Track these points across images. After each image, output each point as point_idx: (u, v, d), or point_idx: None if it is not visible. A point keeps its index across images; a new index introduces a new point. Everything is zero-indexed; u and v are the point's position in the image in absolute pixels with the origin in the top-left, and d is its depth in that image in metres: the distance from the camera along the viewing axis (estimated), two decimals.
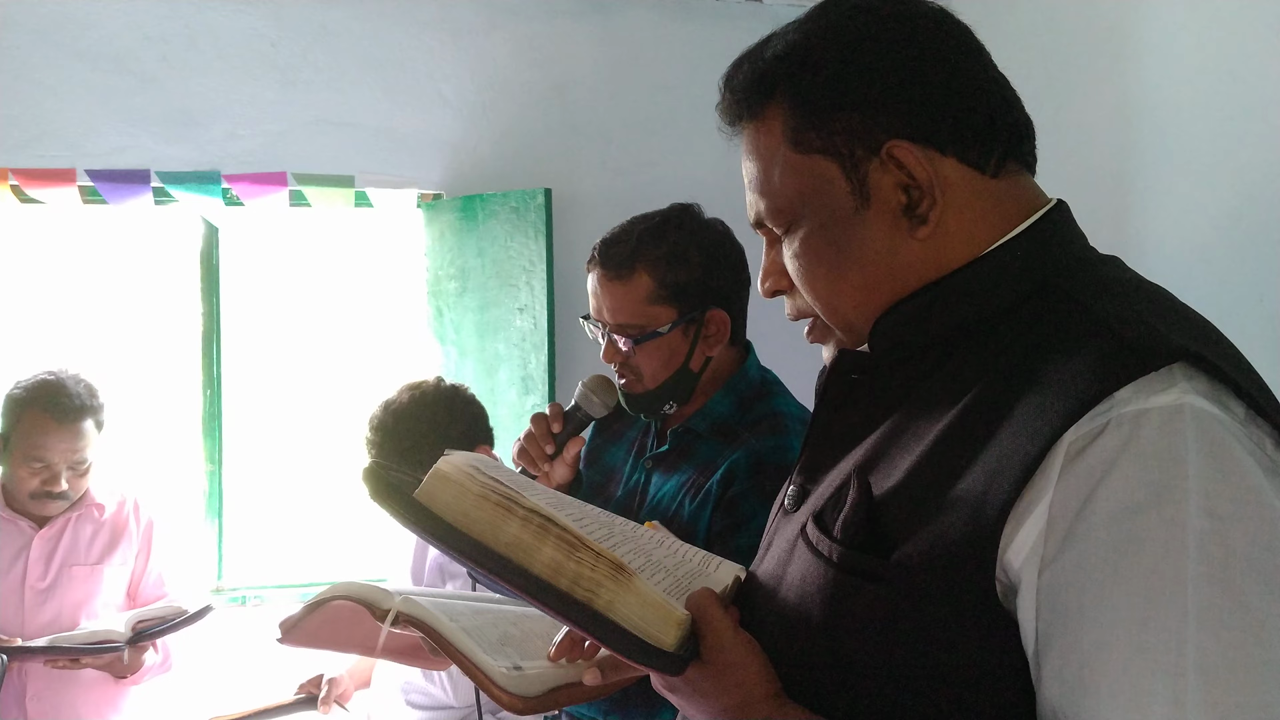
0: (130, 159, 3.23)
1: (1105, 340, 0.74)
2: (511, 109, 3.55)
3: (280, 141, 3.38)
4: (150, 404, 4.14)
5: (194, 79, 3.32)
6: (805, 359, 1.55)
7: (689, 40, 3.63)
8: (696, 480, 1.60)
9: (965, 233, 0.85)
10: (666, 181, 3.08)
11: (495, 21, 3.53)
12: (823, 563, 0.83)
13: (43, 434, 2.42)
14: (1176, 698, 0.64)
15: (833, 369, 0.93)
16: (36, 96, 3.21)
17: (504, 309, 3.41)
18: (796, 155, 0.87)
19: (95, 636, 2.33)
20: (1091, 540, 0.69)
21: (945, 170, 0.84)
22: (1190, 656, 0.65)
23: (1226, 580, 0.66)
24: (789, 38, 0.89)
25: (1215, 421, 0.70)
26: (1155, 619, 0.66)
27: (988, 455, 0.75)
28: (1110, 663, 0.67)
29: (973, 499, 0.74)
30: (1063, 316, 0.79)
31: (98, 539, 2.56)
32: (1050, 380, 0.74)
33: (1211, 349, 0.74)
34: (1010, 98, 0.88)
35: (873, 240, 0.86)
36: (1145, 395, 0.70)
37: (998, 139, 0.85)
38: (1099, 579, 0.68)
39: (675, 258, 1.62)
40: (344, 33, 3.43)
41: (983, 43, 0.90)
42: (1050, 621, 0.70)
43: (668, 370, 1.63)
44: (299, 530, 4.51)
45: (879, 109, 0.84)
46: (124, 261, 3.91)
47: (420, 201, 3.60)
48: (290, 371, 4.48)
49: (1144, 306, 0.79)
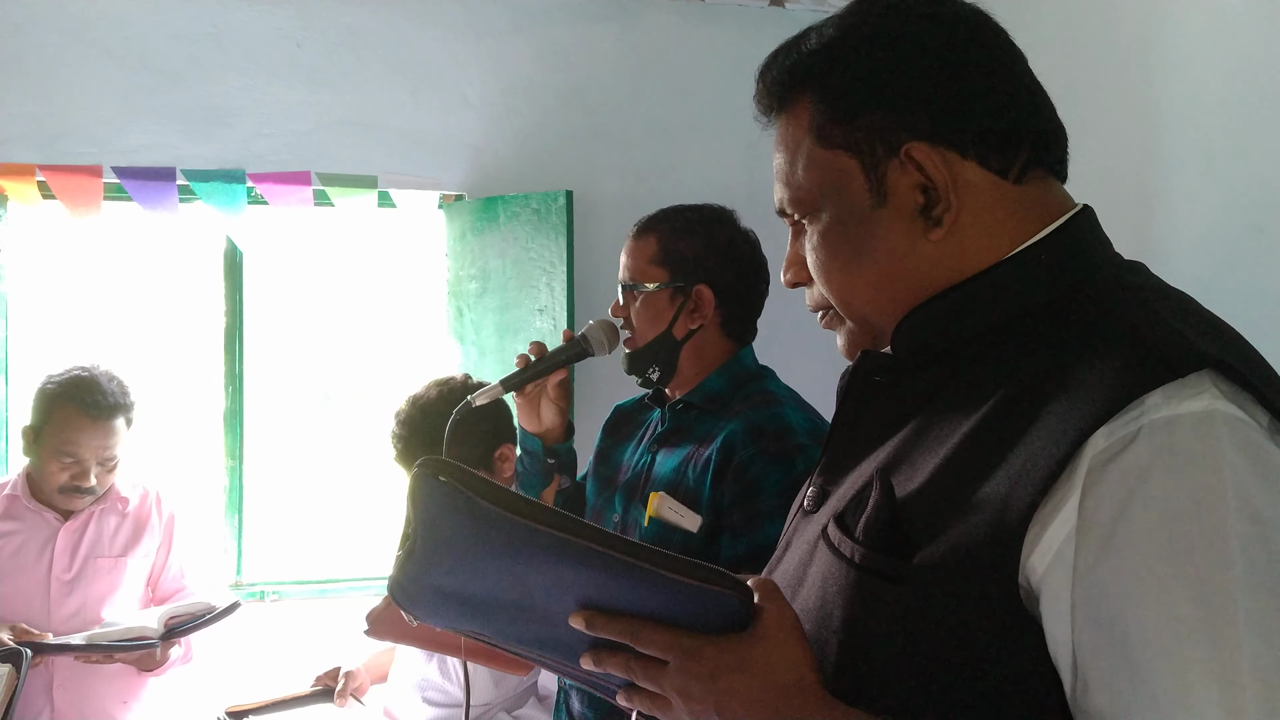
0: (156, 157, 3.27)
1: (1132, 346, 0.74)
2: (534, 111, 3.56)
3: (305, 141, 3.40)
4: (174, 400, 4.17)
5: (220, 78, 3.35)
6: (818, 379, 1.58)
7: (711, 44, 3.64)
8: (696, 451, 1.68)
9: (982, 237, 0.85)
10: (687, 184, 3.09)
11: (519, 24, 3.55)
12: (844, 564, 0.83)
13: (76, 430, 2.45)
14: (1232, 706, 0.64)
15: (855, 370, 0.93)
16: (64, 94, 3.24)
17: (524, 310, 3.42)
18: (819, 149, 0.88)
19: (130, 634, 2.37)
20: (1133, 549, 0.68)
21: (966, 174, 0.84)
22: (1245, 664, 0.64)
23: (1274, 586, 0.65)
24: (825, 32, 0.89)
25: (1247, 427, 0.70)
26: (1206, 627, 0.65)
27: (1013, 459, 0.74)
28: (1163, 672, 0.66)
29: (996, 502, 0.74)
30: (1088, 322, 0.79)
31: (121, 532, 2.58)
32: (1076, 385, 0.74)
33: (1237, 356, 0.74)
34: (1040, 104, 0.87)
35: (887, 238, 0.87)
36: (1176, 402, 0.70)
37: (1022, 145, 0.85)
38: (1144, 589, 0.67)
39: (682, 231, 1.78)
40: (369, 34, 3.45)
41: None
42: (1093, 633, 0.69)
43: (653, 330, 1.76)
44: (318, 527, 4.54)
45: (902, 109, 0.84)
46: (150, 259, 3.95)
47: (442, 202, 3.62)
48: (311, 369, 4.51)
49: (1170, 312, 0.78)
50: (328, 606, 3.47)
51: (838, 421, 0.95)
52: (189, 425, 3.94)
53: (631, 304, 1.78)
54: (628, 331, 1.79)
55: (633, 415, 1.96)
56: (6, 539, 2.49)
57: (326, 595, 3.52)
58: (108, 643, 2.33)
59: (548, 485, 1.92)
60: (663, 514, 1.60)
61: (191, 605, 2.50)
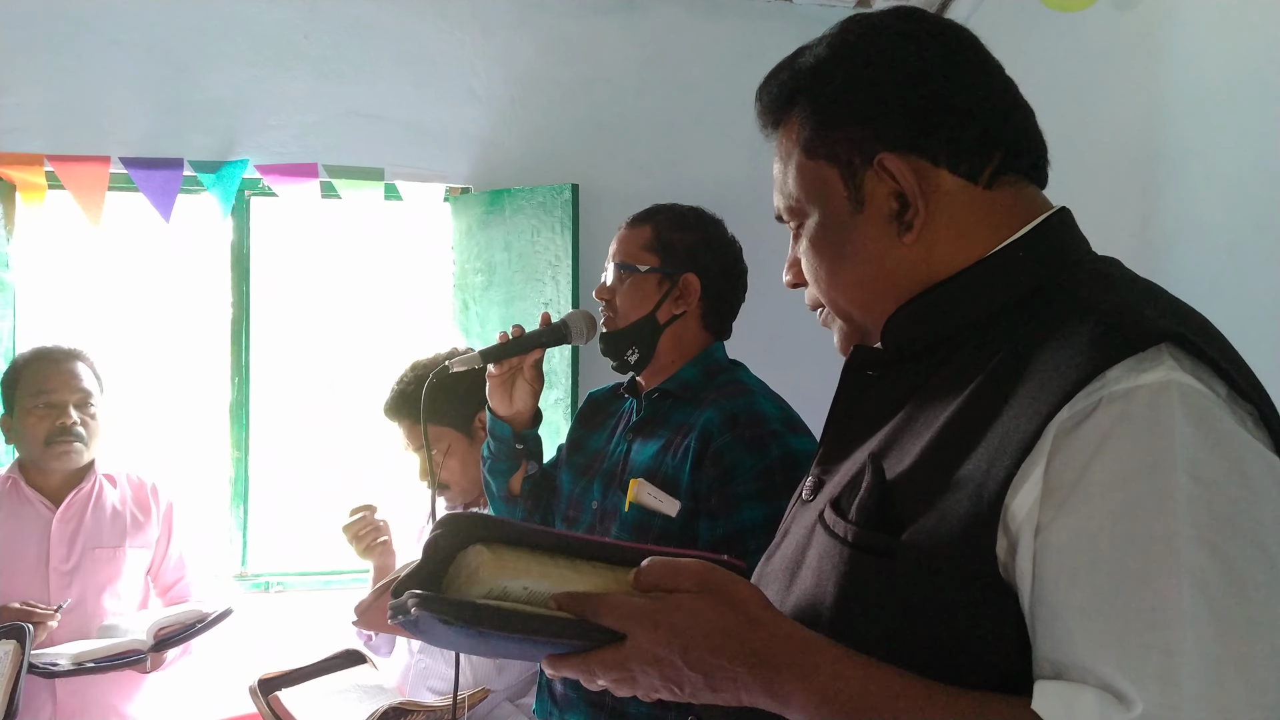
0: (163, 147, 3.27)
1: (1095, 325, 0.80)
2: (540, 105, 3.56)
3: (311, 133, 3.41)
4: (180, 390, 4.19)
5: (228, 70, 3.36)
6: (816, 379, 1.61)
7: (718, 39, 3.63)
8: (673, 439, 1.74)
9: (955, 240, 0.92)
10: (693, 179, 3.09)
11: (525, 18, 3.55)
12: (838, 543, 0.88)
13: (42, 377, 2.51)
14: (1169, 648, 0.70)
15: (848, 366, 1.00)
16: (72, 85, 3.25)
17: (529, 303, 3.43)
18: (806, 160, 0.96)
19: (118, 648, 2.37)
20: (1087, 507, 0.74)
21: (939, 181, 0.91)
22: (1184, 612, 0.70)
23: (1215, 543, 0.71)
24: (813, 51, 0.98)
25: (1201, 396, 0.76)
26: (1148, 578, 0.71)
27: (990, 437, 0.80)
28: (1108, 618, 0.72)
29: (977, 478, 0.79)
30: (1058, 308, 0.85)
31: (118, 521, 2.60)
32: (1046, 364, 0.80)
33: (1195, 332, 0.80)
34: (1011, 113, 0.94)
35: (866, 242, 0.94)
36: (1135, 374, 0.76)
37: (992, 153, 0.92)
38: (1096, 544, 0.73)
39: (677, 223, 1.86)
40: (376, 26, 3.46)
41: (1000, 57, 0.95)
42: (1045, 580, 0.75)
43: (637, 312, 1.82)
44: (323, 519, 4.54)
45: (877, 122, 0.92)
46: (156, 249, 3.96)
47: (448, 195, 3.62)
48: (316, 361, 4.52)
49: (1134, 296, 0.86)
50: (332, 598, 3.47)
51: (833, 414, 1.01)
52: (195, 416, 3.96)
53: (618, 286, 1.84)
54: (609, 314, 1.86)
55: (605, 404, 2.01)
56: (1, 528, 2.50)
57: (331, 587, 3.52)
58: (94, 662, 2.32)
59: (515, 471, 1.94)
60: (642, 499, 1.67)
61: (183, 614, 2.51)
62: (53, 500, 2.55)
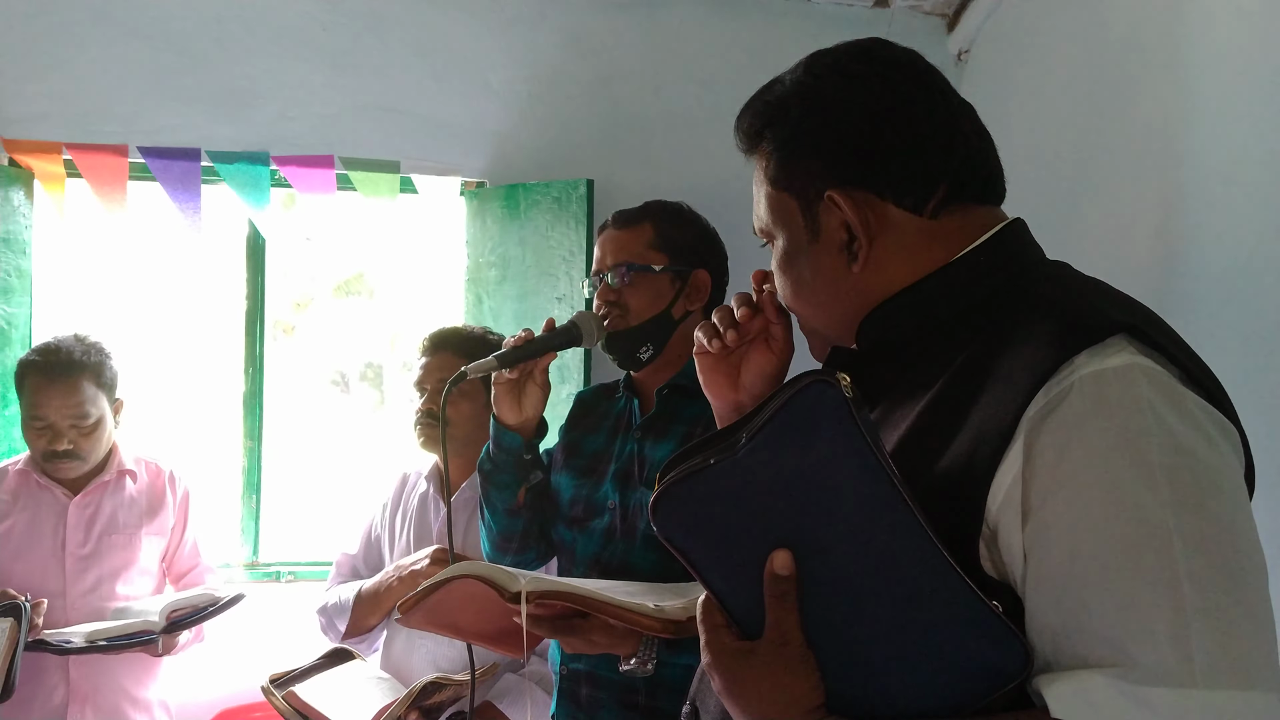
0: (182, 137, 3.29)
1: (1058, 319, 0.87)
2: (557, 100, 3.56)
3: (329, 125, 3.42)
4: (195, 380, 4.21)
5: (246, 60, 3.37)
6: None
7: (735, 36, 3.62)
8: (693, 433, 1.76)
9: (902, 266, 0.99)
10: (707, 176, 3.08)
11: (544, 13, 3.55)
12: None
13: (40, 394, 2.48)
14: (1176, 605, 0.74)
15: (827, 364, 1.07)
16: (92, 74, 3.27)
17: (543, 298, 3.43)
18: (772, 190, 1.06)
19: (131, 628, 2.38)
20: (1075, 484, 0.80)
21: (886, 213, 1.00)
22: (1181, 569, 0.75)
23: (1199, 503, 0.77)
24: (782, 85, 1.06)
25: (1163, 375, 0.83)
26: (1147, 541, 0.76)
27: (964, 433, 0.86)
28: (1112, 583, 0.77)
29: (954, 473, 0.85)
30: (1018, 307, 0.92)
31: (135, 508, 2.61)
32: (1015, 355, 0.86)
33: (1146, 323, 0.87)
34: (956, 145, 1.00)
35: (821, 268, 1.03)
36: (1100, 360, 0.83)
37: (936, 185, 0.99)
38: (1089, 515, 0.78)
39: (677, 220, 1.91)
40: (394, 20, 3.46)
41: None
42: (1046, 559, 0.80)
43: (652, 309, 1.86)
44: (335, 509, 4.56)
45: (829, 159, 1.00)
46: (174, 240, 3.98)
47: (463, 189, 3.63)
48: (329, 354, 4.54)
49: (1086, 293, 0.93)
50: None
51: None
52: (209, 406, 3.98)
53: (625, 285, 1.86)
54: (615, 313, 1.87)
55: (595, 405, 2.01)
56: (19, 515, 2.52)
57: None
58: (106, 641, 2.33)
59: (518, 484, 1.90)
60: None
61: (196, 596, 2.52)
62: (70, 488, 2.57)
